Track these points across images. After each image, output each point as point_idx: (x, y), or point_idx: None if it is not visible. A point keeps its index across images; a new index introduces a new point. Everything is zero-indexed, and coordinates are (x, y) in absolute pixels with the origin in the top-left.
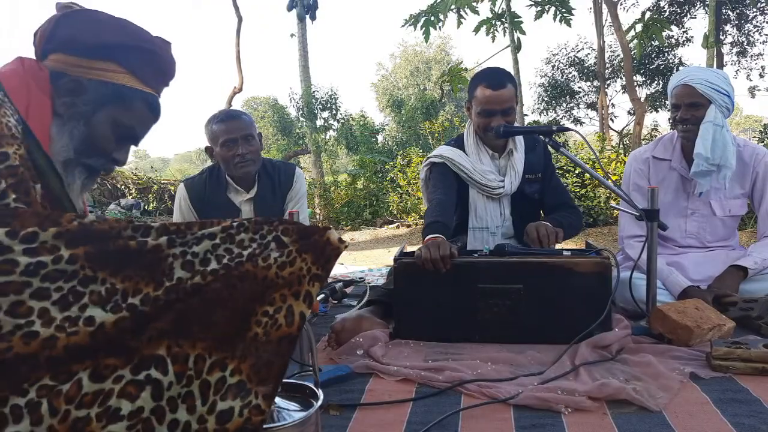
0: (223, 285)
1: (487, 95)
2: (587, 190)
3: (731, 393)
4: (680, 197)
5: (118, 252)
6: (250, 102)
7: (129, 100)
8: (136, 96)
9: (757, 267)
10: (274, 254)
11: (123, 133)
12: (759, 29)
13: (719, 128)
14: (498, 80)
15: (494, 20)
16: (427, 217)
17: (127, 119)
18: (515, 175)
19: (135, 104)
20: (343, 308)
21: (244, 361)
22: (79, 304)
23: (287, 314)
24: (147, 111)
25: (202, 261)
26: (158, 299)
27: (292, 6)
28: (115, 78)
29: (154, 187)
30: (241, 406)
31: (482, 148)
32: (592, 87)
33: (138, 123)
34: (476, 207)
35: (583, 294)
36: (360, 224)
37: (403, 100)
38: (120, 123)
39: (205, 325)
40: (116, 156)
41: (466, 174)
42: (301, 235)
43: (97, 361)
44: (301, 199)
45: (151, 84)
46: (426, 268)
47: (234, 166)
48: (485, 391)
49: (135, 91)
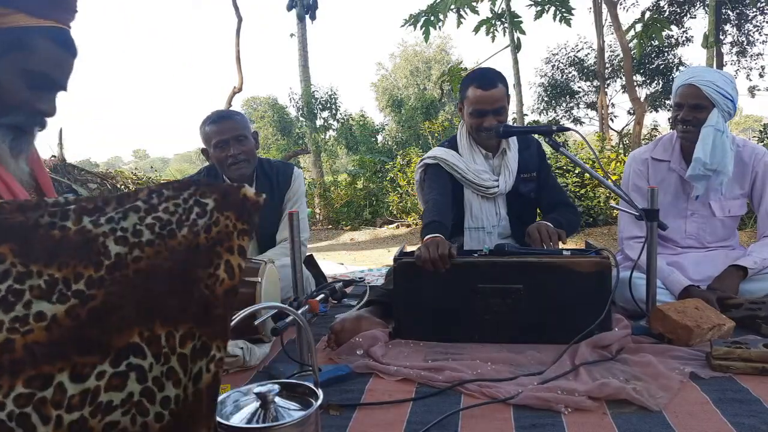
0: (163, 256)
1: (478, 95)
2: (587, 190)
3: (731, 393)
4: (680, 198)
5: (44, 242)
6: (249, 102)
7: (27, 42)
8: (35, 34)
9: (757, 267)
10: (199, 220)
11: (36, 81)
12: (759, 29)
13: (720, 133)
14: (489, 80)
15: (494, 20)
16: (425, 218)
17: (34, 63)
18: (509, 174)
19: (36, 44)
20: (342, 308)
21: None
22: (23, 301)
23: (227, 269)
24: (55, 47)
25: (134, 233)
26: (103, 279)
27: (292, 6)
28: (4, 22)
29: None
30: (207, 361)
31: (475, 148)
32: (592, 87)
33: (49, 65)
34: (471, 207)
35: (583, 294)
36: (360, 224)
37: (402, 99)
38: (28, 70)
39: (161, 302)
40: (39, 107)
41: (460, 174)
42: (220, 195)
43: (73, 362)
44: (299, 200)
45: (48, 15)
46: (425, 269)
47: (228, 167)
48: (485, 391)
49: (31, 30)
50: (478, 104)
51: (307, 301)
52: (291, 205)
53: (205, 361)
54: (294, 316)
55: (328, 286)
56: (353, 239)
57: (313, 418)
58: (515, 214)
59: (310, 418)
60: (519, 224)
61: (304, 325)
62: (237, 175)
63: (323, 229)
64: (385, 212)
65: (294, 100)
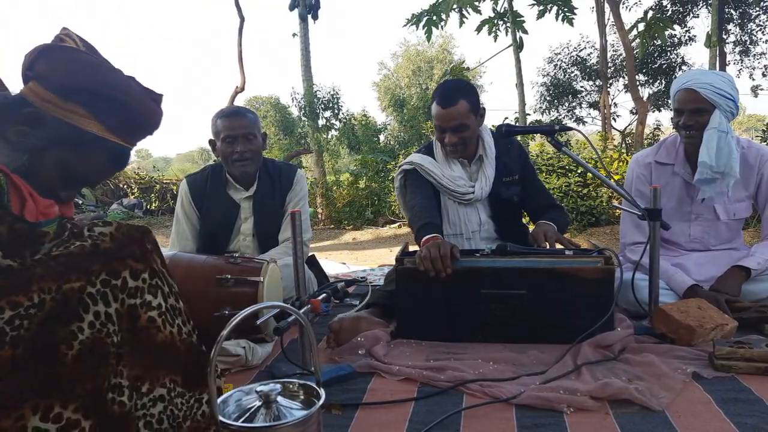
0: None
1: (437, 112)
2: (589, 190)
3: (734, 393)
4: (684, 202)
5: None
6: (252, 101)
7: (87, 147)
8: (98, 144)
9: (760, 267)
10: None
11: (71, 177)
12: (762, 28)
13: (724, 135)
14: (448, 97)
15: (496, 19)
16: (416, 221)
17: (80, 165)
18: (486, 181)
19: (93, 152)
20: (344, 308)
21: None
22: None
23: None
24: (107, 161)
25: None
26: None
27: (294, 5)
28: (79, 122)
29: (157, 186)
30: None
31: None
32: (595, 86)
33: (92, 171)
34: (449, 213)
35: (586, 299)
36: (362, 224)
37: (405, 99)
38: (70, 167)
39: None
40: (60, 194)
41: (435, 180)
42: None
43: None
44: (301, 201)
45: (121, 135)
46: (427, 271)
47: (232, 163)
48: (487, 391)
49: (97, 139)
50: (437, 121)
51: (309, 301)
52: (293, 206)
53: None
54: (296, 316)
55: (330, 285)
56: (355, 239)
57: (315, 417)
58: (500, 218)
59: (312, 417)
60: (505, 228)
61: (306, 324)
62: (240, 172)
63: (325, 229)
64: (387, 212)
65: (296, 99)
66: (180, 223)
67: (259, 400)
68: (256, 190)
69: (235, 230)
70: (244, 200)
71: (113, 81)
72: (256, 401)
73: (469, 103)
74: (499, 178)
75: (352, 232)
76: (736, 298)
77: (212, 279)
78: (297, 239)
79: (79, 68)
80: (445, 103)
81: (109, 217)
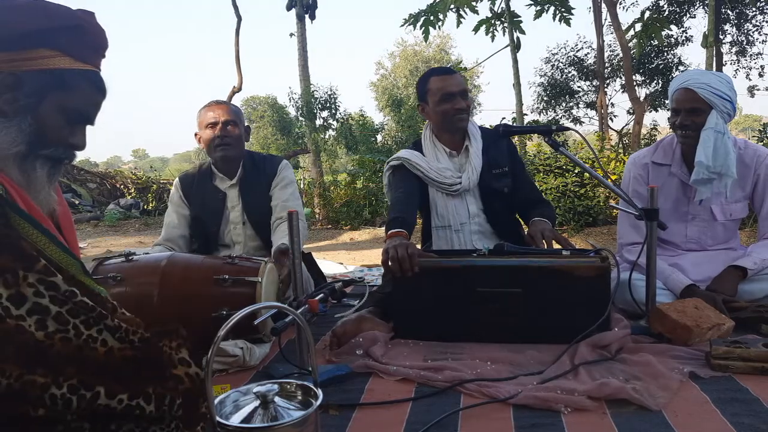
0: None
1: (441, 82)
2: (586, 190)
3: (731, 392)
4: (681, 203)
5: None
6: (249, 101)
7: (70, 82)
8: (76, 76)
9: (757, 267)
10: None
11: (73, 117)
12: (758, 28)
13: (720, 135)
14: (447, 69)
15: (494, 20)
16: (389, 215)
17: (74, 102)
18: (473, 171)
19: (77, 85)
20: (342, 308)
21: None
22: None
23: None
24: (92, 89)
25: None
26: None
27: (292, 5)
28: (50, 63)
29: (153, 186)
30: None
31: (439, 147)
32: (592, 86)
33: (85, 103)
34: (437, 205)
35: (583, 297)
36: (359, 224)
37: (402, 99)
38: (67, 107)
39: None
40: (72, 141)
41: (422, 172)
42: None
43: None
44: (288, 186)
45: (88, 60)
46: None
47: (214, 148)
48: (485, 391)
49: (74, 72)
50: (445, 88)
51: (307, 301)
52: (279, 189)
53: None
54: (293, 316)
55: (327, 285)
56: (353, 239)
57: (312, 417)
58: (491, 210)
59: (309, 417)
60: (497, 220)
61: (304, 325)
62: (221, 156)
63: (323, 229)
64: (385, 212)
65: (293, 99)
66: (169, 214)
67: (256, 400)
68: (241, 178)
69: (225, 220)
70: (230, 188)
71: (56, 11)
72: (254, 402)
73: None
74: (489, 169)
75: (349, 233)
76: (733, 298)
77: (210, 279)
78: (294, 239)
79: (20, 14)
80: (447, 72)
81: (106, 218)
